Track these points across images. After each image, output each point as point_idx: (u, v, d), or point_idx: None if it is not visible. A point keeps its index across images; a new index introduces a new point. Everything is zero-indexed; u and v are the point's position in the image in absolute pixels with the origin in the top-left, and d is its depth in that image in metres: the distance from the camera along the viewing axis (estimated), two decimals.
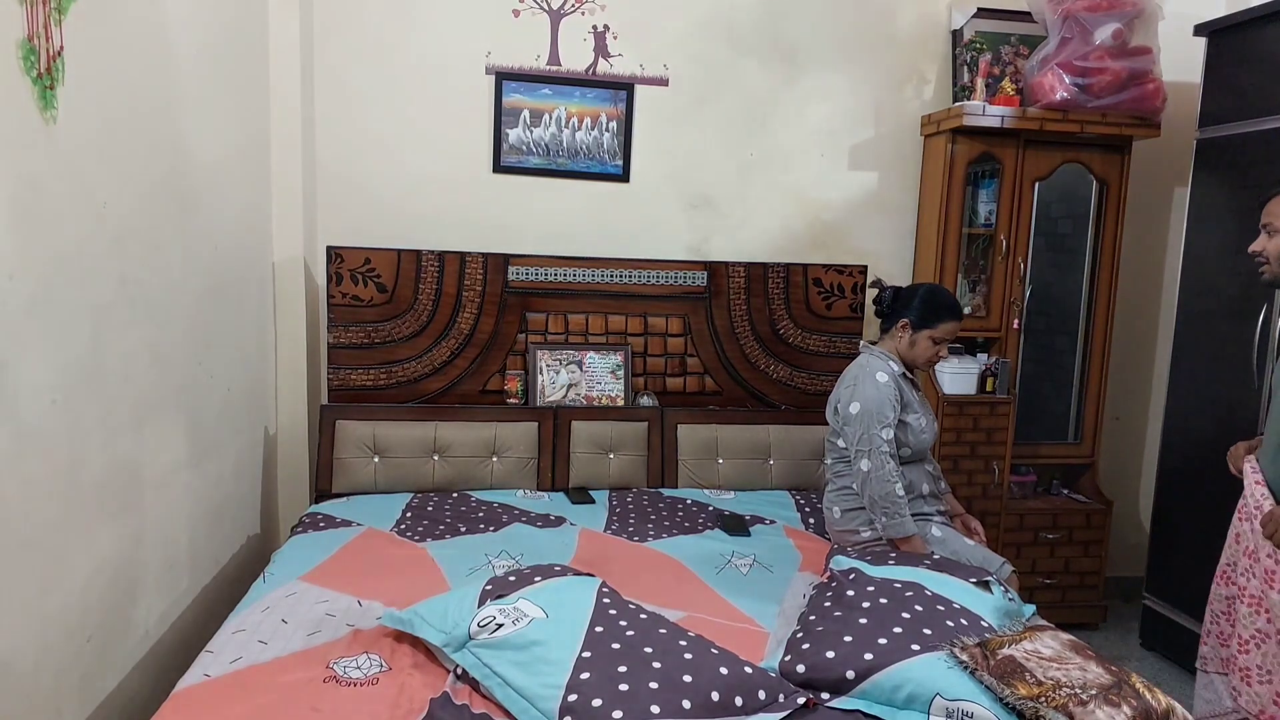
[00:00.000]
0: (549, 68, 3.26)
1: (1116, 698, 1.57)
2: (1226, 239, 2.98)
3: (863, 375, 2.49)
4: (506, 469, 3.03)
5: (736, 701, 1.63)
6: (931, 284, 2.65)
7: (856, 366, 2.56)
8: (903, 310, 2.55)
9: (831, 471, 2.63)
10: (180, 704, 1.65)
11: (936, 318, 2.51)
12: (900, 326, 2.54)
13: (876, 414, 2.42)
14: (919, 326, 2.52)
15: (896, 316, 2.56)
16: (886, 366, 2.51)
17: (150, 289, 2.07)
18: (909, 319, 2.53)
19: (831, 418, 2.62)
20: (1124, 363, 3.68)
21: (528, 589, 1.90)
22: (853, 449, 2.46)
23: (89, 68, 1.75)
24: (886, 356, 2.55)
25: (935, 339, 2.51)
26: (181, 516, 2.31)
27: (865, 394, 2.45)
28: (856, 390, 2.48)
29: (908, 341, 2.54)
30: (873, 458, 2.41)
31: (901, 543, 2.42)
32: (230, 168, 2.60)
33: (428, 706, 1.66)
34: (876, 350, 2.58)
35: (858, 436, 2.44)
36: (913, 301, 2.54)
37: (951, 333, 2.53)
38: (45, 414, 1.64)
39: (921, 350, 2.53)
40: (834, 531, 2.63)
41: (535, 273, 3.18)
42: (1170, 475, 3.22)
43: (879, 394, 2.44)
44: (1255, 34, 2.87)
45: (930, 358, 2.54)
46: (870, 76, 3.45)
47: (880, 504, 2.41)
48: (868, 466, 2.41)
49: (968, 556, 2.42)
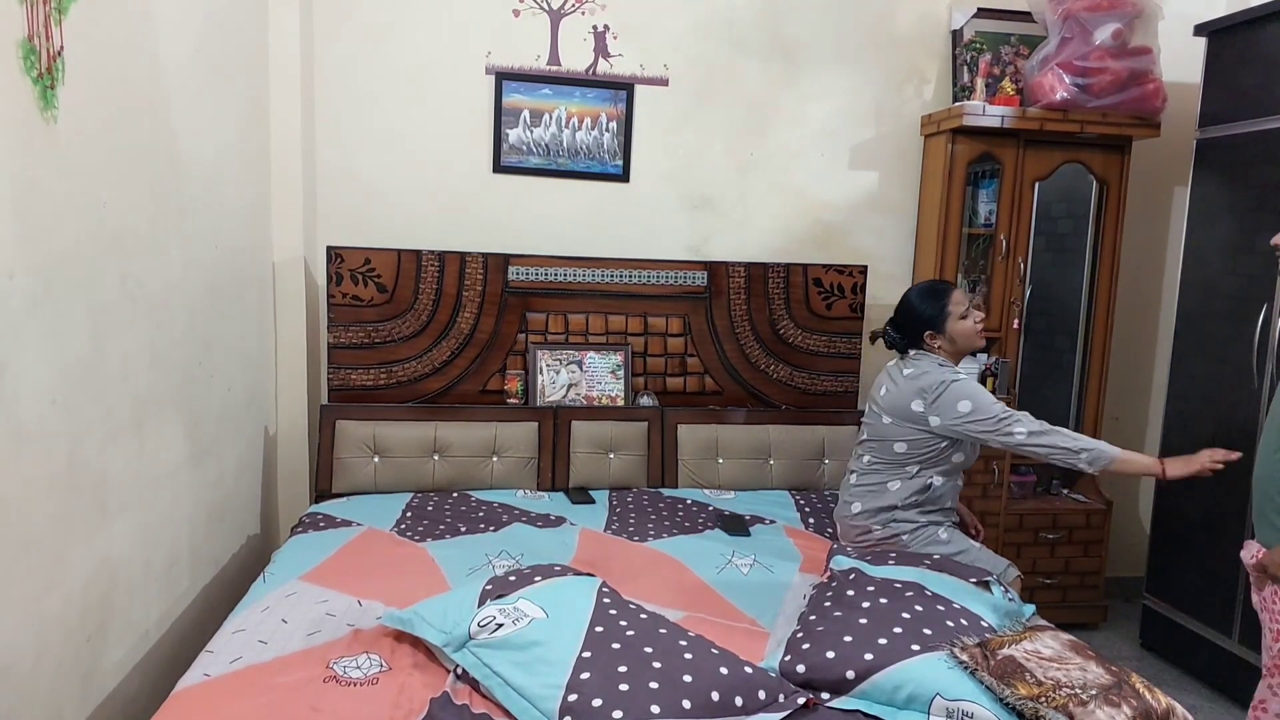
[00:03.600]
0: (549, 68, 3.27)
1: (1116, 698, 1.57)
2: (1226, 239, 2.98)
3: (948, 379, 2.40)
4: (506, 469, 3.03)
5: (736, 701, 1.63)
6: (909, 290, 2.61)
7: (934, 375, 2.43)
8: (914, 326, 2.51)
9: (864, 467, 2.59)
10: (180, 704, 1.65)
11: (943, 302, 2.49)
12: (929, 339, 2.50)
13: (989, 397, 2.37)
14: (941, 322, 2.48)
15: (917, 335, 2.52)
16: (961, 372, 2.47)
17: (150, 289, 2.07)
18: (930, 328, 2.49)
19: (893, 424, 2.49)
20: (1124, 363, 3.68)
21: (528, 589, 1.90)
22: (996, 437, 2.34)
23: (89, 68, 1.75)
24: (948, 363, 2.50)
25: (960, 314, 2.48)
26: (181, 516, 2.31)
27: (966, 389, 2.38)
28: (954, 391, 2.38)
29: (948, 341, 2.50)
30: (1022, 423, 2.31)
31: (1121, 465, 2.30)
32: (230, 167, 2.60)
33: (428, 706, 1.66)
34: (936, 357, 2.50)
35: (992, 423, 2.33)
36: (917, 312, 2.51)
37: (962, 300, 2.50)
38: (45, 414, 1.64)
39: (962, 334, 2.49)
40: (843, 523, 2.61)
41: (535, 273, 3.18)
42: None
43: (975, 385, 2.41)
44: (1255, 34, 2.87)
45: (973, 331, 2.50)
46: (870, 76, 3.45)
47: (1071, 448, 2.29)
48: (1024, 429, 2.31)
49: (974, 558, 2.43)
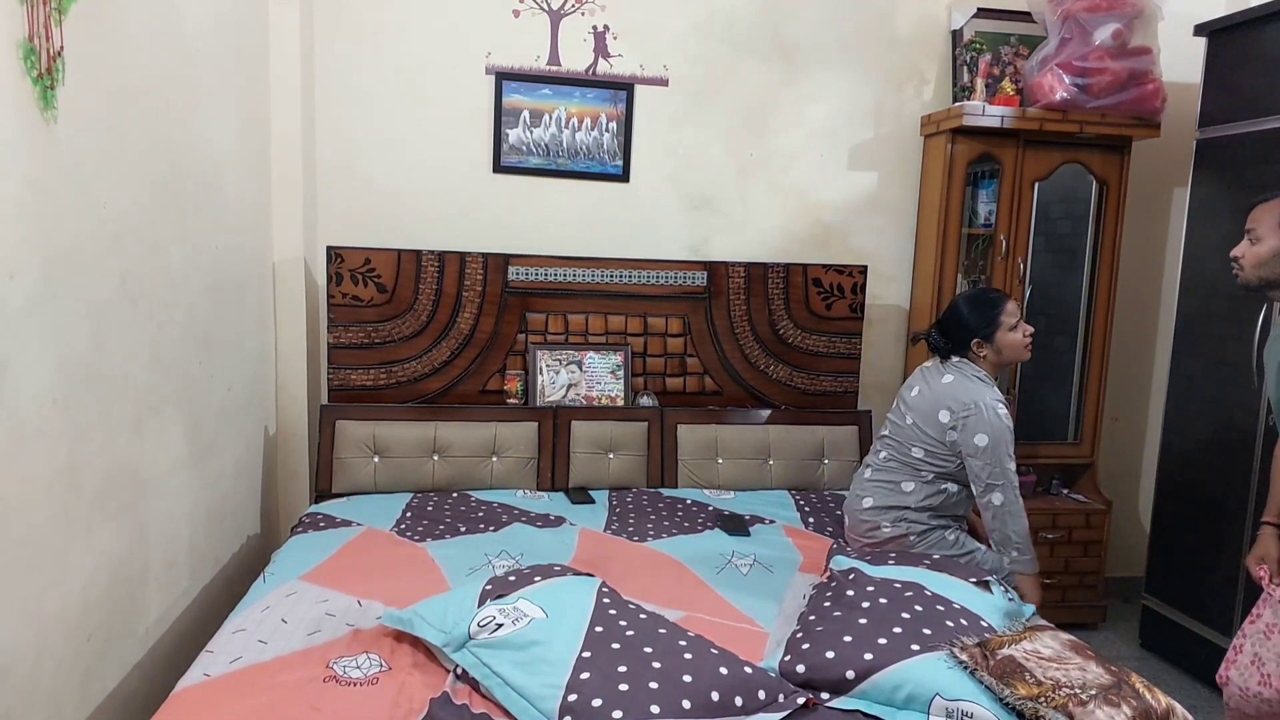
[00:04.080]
0: (549, 68, 3.27)
1: (1116, 698, 1.57)
2: (1226, 239, 2.96)
3: (984, 406, 2.37)
4: (506, 469, 3.03)
5: (736, 701, 1.63)
6: (959, 295, 2.59)
7: (967, 391, 2.41)
8: (963, 333, 2.48)
9: (879, 462, 2.58)
10: (180, 704, 1.66)
11: (996, 312, 2.46)
12: (976, 347, 2.47)
13: (1005, 446, 2.36)
14: (990, 333, 2.45)
15: (964, 342, 2.49)
16: (1000, 396, 2.43)
17: (150, 289, 2.07)
18: (978, 336, 2.46)
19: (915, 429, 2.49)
20: (1124, 363, 3.68)
21: (528, 589, 1.90)
22: (981, 481, 2.38)
23: (89, 68, 1.75)
24: (989, 378, 2.46)
25: (1011, 327, 2.46)
26: (181, 516, 2.31)
27: (992, 425, 2.35)
28: (980, 421, 2.36)
29: (994, 351, 2.47)
30: (1005, 491, 2.35)
31: (1023, 579, 2.40)
32: (230, 167, 2.60)
33: (427, 706, 1.66)
34: (977, 370, 2.47)
35: (988, 470, 2.36)
36: (966, 320, 2.48)
37: (1015, 312, 2.47)
38: (45, 414, 1.64)
39: (1009, 346, 2.46)
40: (853, 517, 2.60)
41: (535, 273, 3.18)
42: (1170, 475, 3.22)
43: (1002, 425, 2.37)
44: (1255, 34, 2.87)
45: (1022, 344, 2.47)
46: (870, 76, 3.46)
47: (1014, 540, 2.37)
48: (1001, 500, 2.36)
49: (980, 560, 2.44)
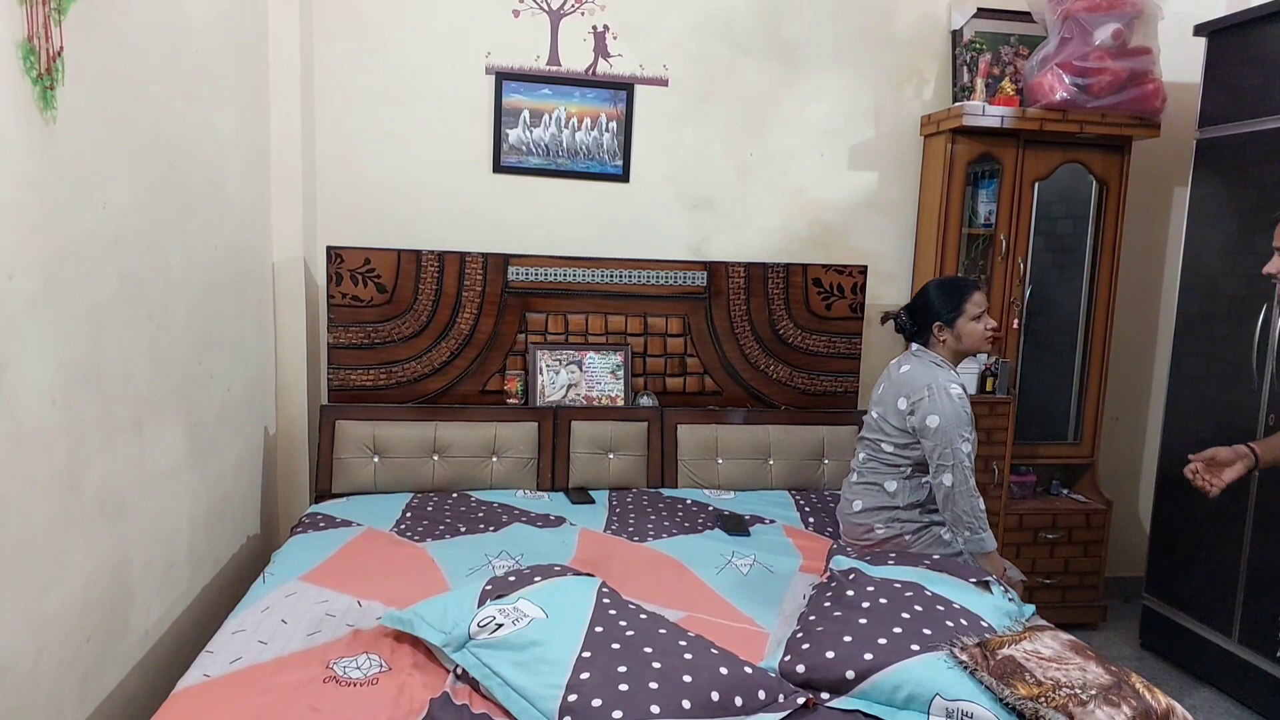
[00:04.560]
0: (549, 68, 3.27)
1: (1116, 698, 1.57)
2: (1226, 239, 2.98)
3: (935, 387, 2.39)
4: (506, 469, 3.03)
5: (736, 701, 1.63)
6: (931, 280, 2.63)
7: (923, 375, 2.44)
8: (928, 316, 2.51)
9: (862, 465, 2.59)
10: (180, 704, 1.65)
11: (960, 299, 2.48)
12: (937, 331, 2.49)
13: (957, 428, 2.37)
14: (954, 318, 2.47)
15: (926, 325, 2.51)
16: (955, 378, 2.45)
17: (150, 288, 2.07)
18: (940, 320, 2.49)
19: (882, 421, 2.52)
20: (1124, 363, 3.68)
21: (528, 589, 1.90)
22: (933, 463, 2.40)
23: (89, 68, 1.75)
24: (945, 364, 2.48)
25: (974, 317, 2.47)
26: (181, 516, 2.31)
27: (943, 408, 2.37)
28: (933, 403, 2.38)
29: (954, 338, 2.49)
30: (956, 472, 2.36)
31: (981, 558, 2.40)
32: (230, 167, 2.60)
33: (427, 706, 1.66)
34: (933, 356, 2.50)
35: (939, 451, 2.37)
36: (931, 303, 2.51)
37: (982, 302, 2.49)
38: (45, 414, 1.64)
39: (970, 335, 2.48)
40: (845, 521, 2.61)
41: (535, 273, 3.18)
42: (1170, 475, 3.22)
43: (955, 407, 2.38)
44: (1255, 34, 2.87)
45: (982, 335, 2.49)
46: (870, 76, 3.45)
47: (965, 519, 2.37)
48: (951, 481, 2.36)
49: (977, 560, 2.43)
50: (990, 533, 2.40)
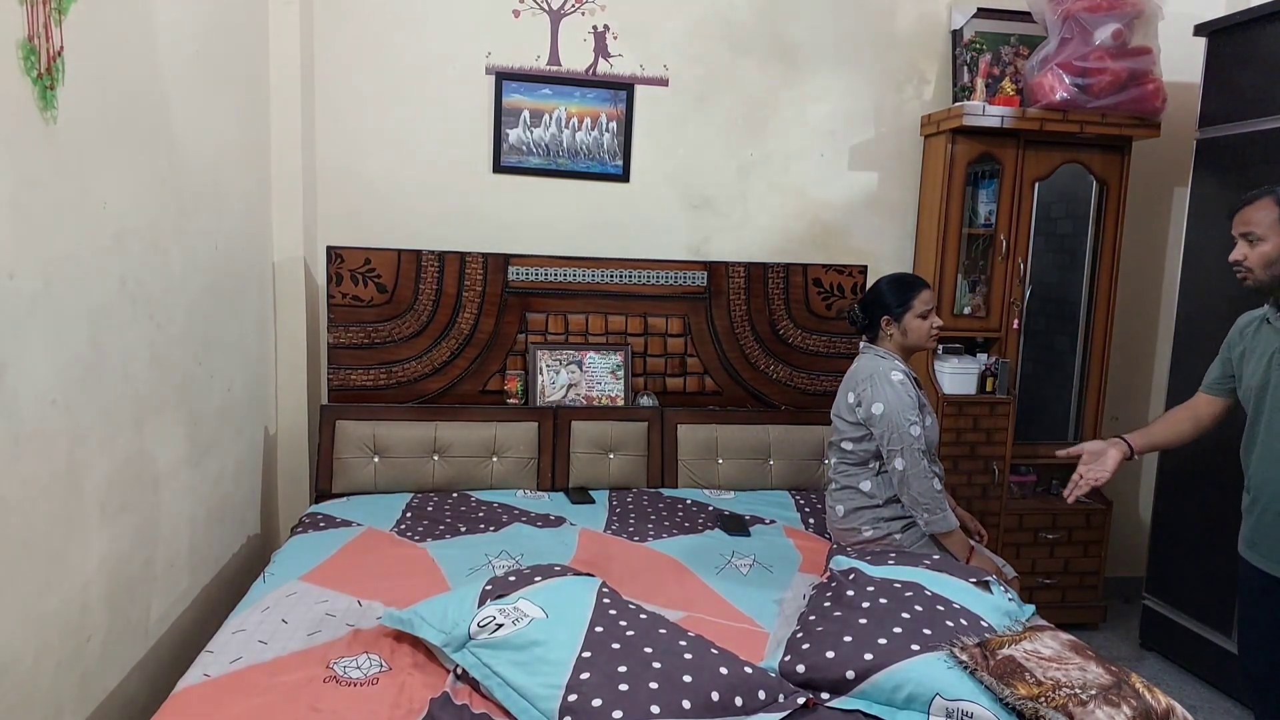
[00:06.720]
0: (549, 68, 3.26)
1: (1116, 698, 1.57)
2: (1226, 239, 2.95)
3: (877, 376, 2.46)
4: (506, 469, 3.03)
5: (736, 701, 1.63)
6: (883, 276, 2.66)
7: (866, 368, 2.52)
8: (877, 310, 2.55)
9: (835, 472, 2.62)
10: (180, 704, 1.66)
11: (908, 295, 2.52)
12: (885, 325, 2.54)
13: (902, 411, 2.40)
14: (900, 313, 2.52)
15: (875, 319, 2.56)
16: (897, 366, 2.50)
17: (150, 288, 2.07)
18: (888, 314, 2.53)
19: (838, 420, 2.59)
20: (1124, 363, 3.68)
21: (528, 589, 1.90)
22: (884, 449, 2.43)
23: (89, 68, 1.75)
24: (891, 355, 2.54)
25: (921, 314, 2.52)
26: (181, 516, 2.31)
27: (885, 394, 2.42)
28: (875, 391, 2.44)
29: (900, 332, 2.53)
30: (906, 455, 2.39)
31: (944, 538, 2.42)
32: (230, 167, 2.60)
33: (428, 706, 1.66)
34: (879, 350, 2.56)
35: (888, 436, 2.41)
36: (881, 298, 2.55)
37: (929, 300, 2.53)
38: (45, 414, 1.64)
39: (915, 331, 2.52)
40: (835, 530, 2.63)
41: (535, 273, 3.18)
42: (1170, 475, 3.22)
43: (898, 392, 2.42)
44: (1255, 34, 2.87)
45: (927, 332, 2.53)
46: (870, 76, 3.45)
47: (921, 501, 2.39)
48: (902, 464, 2.39)
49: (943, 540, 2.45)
50: (950, 512, 2.43)
